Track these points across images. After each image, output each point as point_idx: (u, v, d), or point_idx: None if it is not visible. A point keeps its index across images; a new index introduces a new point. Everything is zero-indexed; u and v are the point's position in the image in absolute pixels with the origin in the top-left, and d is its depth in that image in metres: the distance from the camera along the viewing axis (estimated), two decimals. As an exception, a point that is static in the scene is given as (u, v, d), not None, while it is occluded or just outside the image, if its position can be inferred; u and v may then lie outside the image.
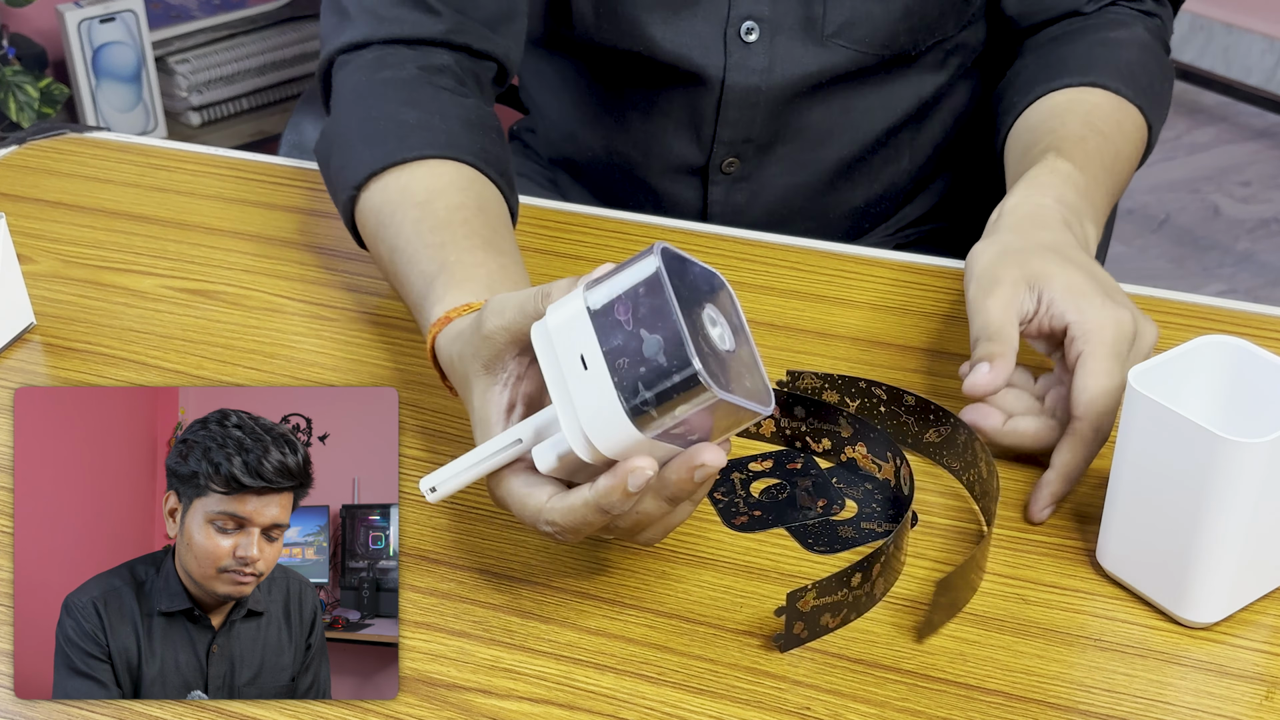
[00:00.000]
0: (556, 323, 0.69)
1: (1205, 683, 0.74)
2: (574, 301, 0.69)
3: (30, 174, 1.21)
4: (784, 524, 0.83)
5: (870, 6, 1.10)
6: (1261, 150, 3.13)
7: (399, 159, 0.94)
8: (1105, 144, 0.99)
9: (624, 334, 0.66)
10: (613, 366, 0.66)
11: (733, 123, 1.16)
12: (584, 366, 0.67)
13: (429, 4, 1.03)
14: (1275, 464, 0.71)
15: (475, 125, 0.99)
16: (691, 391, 0.65)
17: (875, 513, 0.84)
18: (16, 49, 2.50)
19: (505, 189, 0.97)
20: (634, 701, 0.73)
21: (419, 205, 0.92)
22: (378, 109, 0.98)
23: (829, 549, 0.82)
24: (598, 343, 0.67)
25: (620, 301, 0.67)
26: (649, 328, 0.66)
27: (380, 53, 1.02)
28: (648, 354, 0.66)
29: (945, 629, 0.76)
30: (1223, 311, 1.02)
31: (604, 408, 0.67)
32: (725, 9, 1.11)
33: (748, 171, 1.19)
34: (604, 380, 0.67)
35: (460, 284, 0.85)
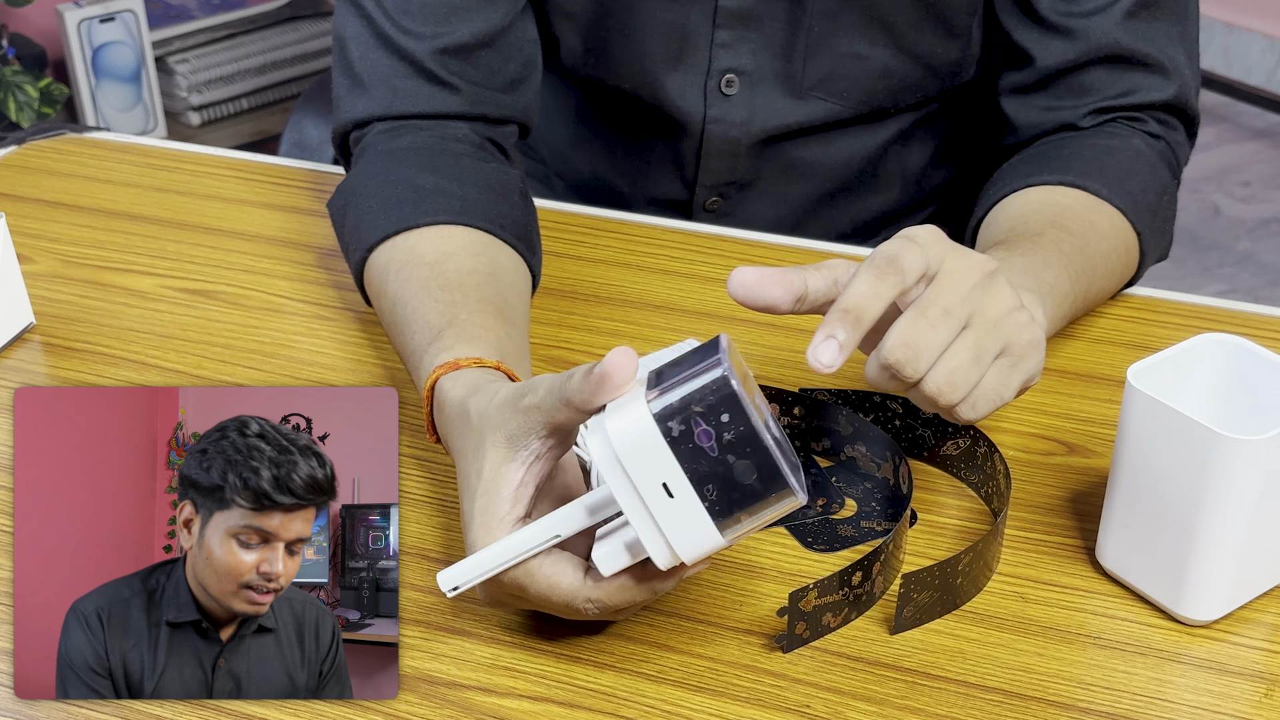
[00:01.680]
0: (626, 446, 0.66)
1: (1205, 680, 0.74)
2: (642, 422, 0.65)
3: (30, 174, 1.21)
4: (785, 523, 0.83)
5: (849, 64, 1.09)
6: (1261, 150, 3.13)
7: (412, 224, 0.94)
8: (1068, 238, 0.93)
9: (709, 461, 0.65)
10: (703, 494, 0.66)
11: (714, 169, 1.16)
12: (669, 494, 0.66)
13: (444, 80, 1.01)
14: (1274, 462, 0.71)
15: (494, 190, 0.98)
16: (781, 501, 0.66)
17: (874, 511, 0.84)
18: (16, 49, 2.50)
19: (524, 251, 0.97)
20: (634, 700, 0.73)
21: (428, 265, 0.91)
22: (396, 173, 0.97)
23: (829, 548, 0.82)
24: (684, 474, 0.65)
25: (699, 426, 0.65)
26: (738, 454, 0.65)
27: (395, 125, 1.01)
28: (739, 479, 0.65)
29: (945, 628, 0.77)
30: (1223, 311, 1.02)
31: (694, 529, 0.66)
32: (706, 62, 1.10)
33: (731, 208, 1.19)
34: (695, 507, 0.66)
35: (470, 340, 0.83)
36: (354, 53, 1.03)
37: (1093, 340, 0.99)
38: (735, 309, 1.03)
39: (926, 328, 0.72)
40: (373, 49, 1.02)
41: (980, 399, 0.75)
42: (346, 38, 1.04)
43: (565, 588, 0.71)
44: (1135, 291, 1.04)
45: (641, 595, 0.71)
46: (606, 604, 0.71)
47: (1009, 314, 0.75)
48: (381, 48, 1.02)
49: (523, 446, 0.71)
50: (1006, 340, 0.75)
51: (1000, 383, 0.75)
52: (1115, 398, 0.80)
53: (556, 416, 0.70)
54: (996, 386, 0.75)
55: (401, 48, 1.01)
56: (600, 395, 0.68)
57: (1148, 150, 1.02)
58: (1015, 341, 0.75)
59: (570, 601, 0.71)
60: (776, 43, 1.09)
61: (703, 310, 1.03)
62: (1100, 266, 0.95)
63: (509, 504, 0.71)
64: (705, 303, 1.04)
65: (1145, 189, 1.00)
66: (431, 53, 1.01)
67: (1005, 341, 0.75)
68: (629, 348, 0.68)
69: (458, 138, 1.01)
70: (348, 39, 1.04)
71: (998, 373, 0.75)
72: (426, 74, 1.01)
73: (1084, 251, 0.93)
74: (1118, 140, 1.02)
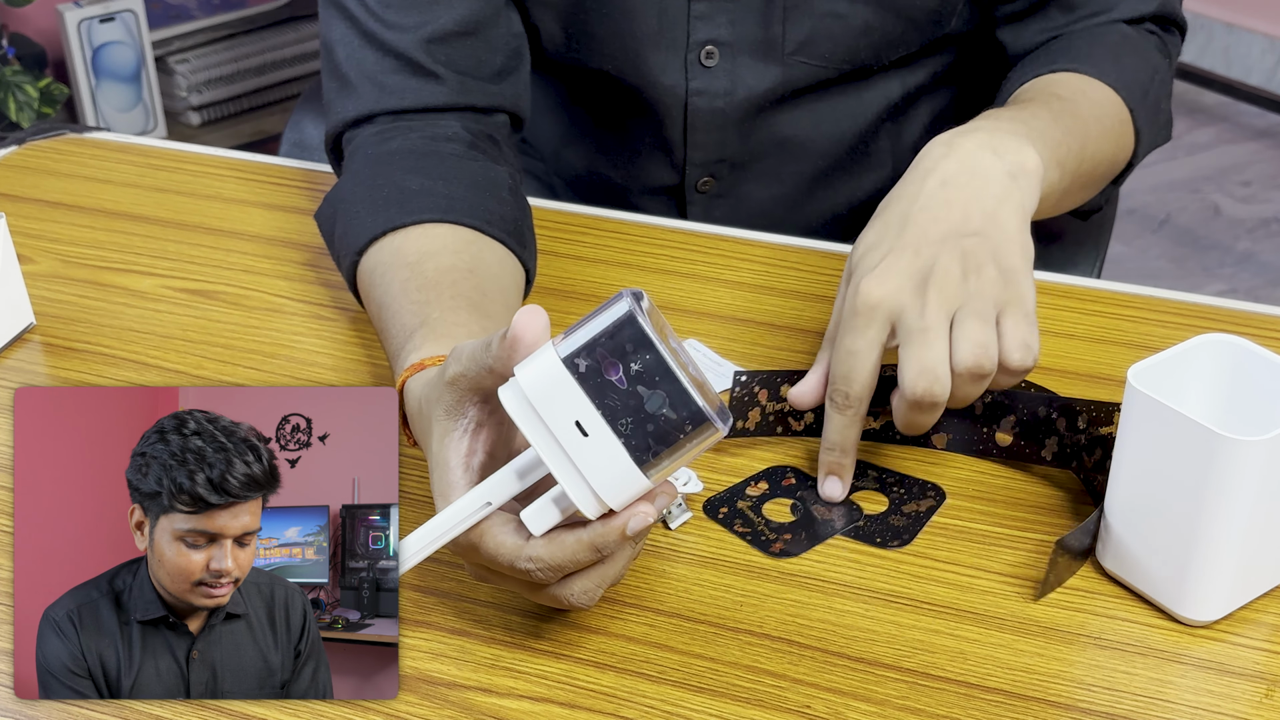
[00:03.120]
0: (536, 390, 0.67)
1: (1205, 681, 0.74)
2: (549, 364, 0.66)
3: (30, 174, 1.21)
4: (821, 538, 0.82)
5: (830, 24, 1.10)
6: (1261, 150, 3.13)
7: (398, 224, 0.94)
8: (1057, 100, 0.96)
9: (619, 393, 0.66)
10: (617, 429, 0.66)
11: (702, 145, 1.16)
12: (583, 433, 0.66)
13: (430, 70, 1.02)
14: (1274, 462, 0.71)
15: (480, 187, 0.98)
16: (702, 434, 0.66)
17: (908, 494, 0.84)
18: (16, 49, 2.50)
19: (514, 246, 0.97)
20: (634, 700, 0.73)
21: (409, 266, 0.92)
22: (383, 177, 0.98)
23: (899, 540, 0.82)
24: (595, 409, 0.66)
25: (607, 361, 0.66)
26: (646, 384, 0.66)
27: (385, 126, 1.02)
28: (652, 410, 0.66)
29: (945, 628, 0.77)
30: (1223, 311, 1.02)
31: (614, 468, 0.67)
32: (685, 35, 1.11)
33: (724, 189, 1.19)
34: (612, 444, 0.66)
35: (438, 339, 0.84)
36: (340, 54, 1.04)
37: (1093, 340, 0.99)
38: (735, 309, 1.03)
39: (922, 349, 0.79)
40: (358, 49, 1.03)
41: (1015, 344, 0.80)
42: (333, 42, 1.04)
43: (508, 549, 0.71)
44: (1135, 291, 1.04)
45: (583, 553, 0.70)
46: (548, 562, 0.70)
47: (965, 278, 0.81)
48: (368, 46, 1.02)
49: (460, 415, 0.73)
50: (982, 293, 0.80)
51: (1016, 322, 0.80)
52: (1115, 398, 0.80)
53: (483, 384, 0.71)
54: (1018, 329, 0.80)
55: (387, 43, 1.02)
56: (516, 356, 0.69)
57: (1135, 35, 1.08)
58: (989, 281, 0.81)
59: (514, 563, 0.71)
60: (754, 10, 1.10)
61: (703, 310, 1.03)
62: (1093, 127, 0.98)
63: (459, 472, 0.72)
64: (705, 303, 1.04)
65: (1136, 68, 1.05)
66: (417, 43, 1.02)
67: (984, 295, 0.80)
68: (538, 305, 0.69)
69: (448, 137, 1.01)
70: (334, 43, 1.04)
71: (1010, 319, 0.80)
72: (413, 66, 1.02)
73: (1074, 112, 0.97)
74: (1104, 30, 1.08)
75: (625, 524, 0.69)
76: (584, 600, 0.72)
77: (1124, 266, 2.71)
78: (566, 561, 0.70)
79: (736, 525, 0.83)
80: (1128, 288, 1.05)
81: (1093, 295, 1.04)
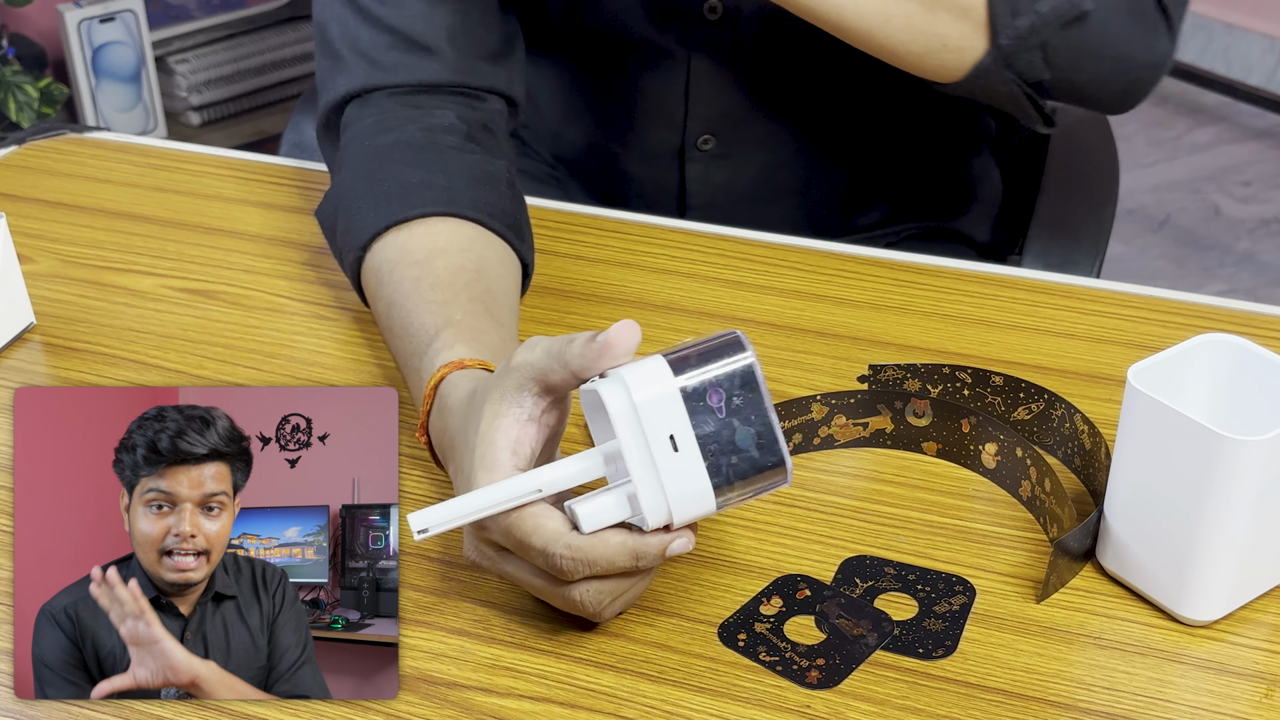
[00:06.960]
0: (644, 397, 0.69)
1: (1205, 680, 0.74)
2: (663, 378, 0.70)
3: (30, 174, 1.21)
4: (858, 660, 0.75)
5: None
6: (1262, 150, 3.13)
7: (401, 218, 0.94)
8: None
9: (716, 421, 0.70)
10: (705, 451, 0.69)
11: (707, 99, 1.16)
12: (674, 448, 0.69)
13: (424, 44, 1.02)
14: (1275, 462, 0.71)
15: (479, 180, 0.98)
16: (773, 479, 0.71)
17: (935, 593, 0.79)
18: (16, 49, 2.50)
19: (513, 239, 0.97)
20: (635, 700, 0.73)
21: (418, 264, 0.92)
22: (381, 171, 0.98)
23: (943, 649, 0.75)
24: (691, 428, 0.69)
25: (713, 389, 0.69)
26: (742, 420, 0.70)
27: (380, 114, 1.02)
28: (740, 444, 0.70)
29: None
30: (1223, 311, 1.02)
31: (692, 487, 0.70)
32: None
33: (725, 149, 1.19)
34: (697, 464, 0.70)
35: (469, 342, 0.84)
36: (334, 31, 1.04)
37: (1093, 340, 0.99)
38: (735, 309, 1.03)
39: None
40: (354, 25, 1.03)
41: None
42: (327, 20, 1.05)
43: (548, 531, 0.71)
44: (1135, 291, 1.04)
45: (621, 556, 0.71)
46: (585, 555, 0.70)
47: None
48: (363, 23, 1.03)
49: (516, 404, 0.73)
50: None
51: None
52: (1115, 398, 0.80)
53: (551, 376, 0.72)
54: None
55: (382, 19, 1.02)
56: (600, 363, 0.70)
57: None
58: None
59: (548, 546, 0.71)
60: None
61: (703, 310, 1.03)
62: None
63: (506, 454, 0.72)
64: (705, 303, 1.04)
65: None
66: (413, 18, 1.02)
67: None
68: (634, 321, 0.71)
69: (445, 128, 1.01)
70: (328, 21, 1.05)
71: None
72: (408, 43, 1.02)
73: None
74: None
75: (669, 543, 0.71)
76: (591, 602, 0.72)
77: (1124, 266, 2.71)
78: (601, 559, 0.71)
79: (761, 654, 0.75)
80: (1128, 287, 1.05)
81: (1092, 295, 1.04)
